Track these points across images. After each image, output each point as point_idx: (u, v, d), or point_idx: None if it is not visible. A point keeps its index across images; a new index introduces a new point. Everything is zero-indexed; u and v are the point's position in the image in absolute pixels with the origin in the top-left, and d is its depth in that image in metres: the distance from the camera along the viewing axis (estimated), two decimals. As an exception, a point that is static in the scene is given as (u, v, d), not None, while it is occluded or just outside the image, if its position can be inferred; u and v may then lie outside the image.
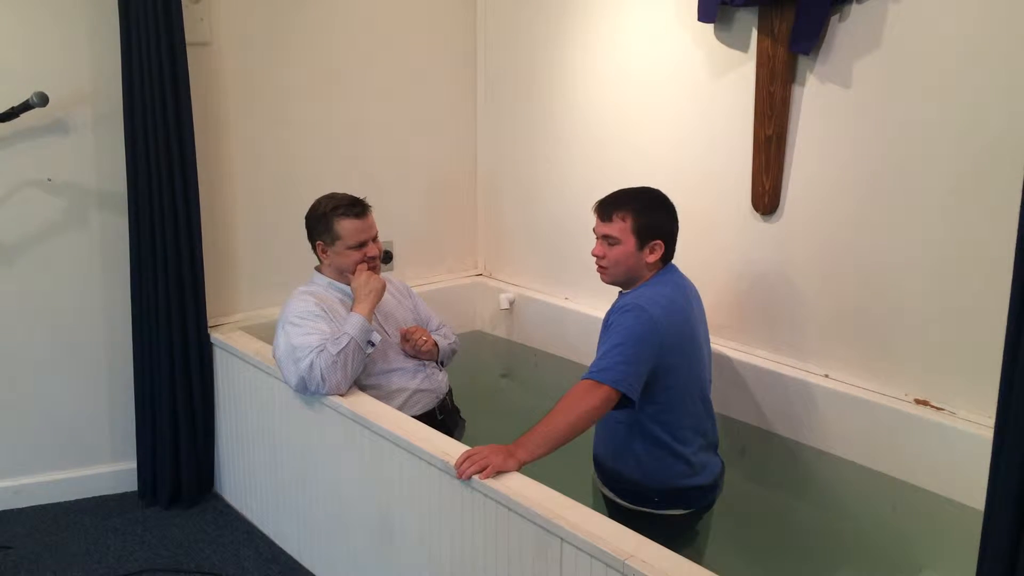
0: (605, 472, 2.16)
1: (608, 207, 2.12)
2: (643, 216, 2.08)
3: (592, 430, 2.14)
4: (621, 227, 2.09)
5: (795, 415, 2.48)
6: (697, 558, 1.99)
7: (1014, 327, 1.05)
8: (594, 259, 2.15)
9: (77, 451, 2.78)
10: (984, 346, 2.13)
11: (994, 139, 2.05)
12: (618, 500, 2.13)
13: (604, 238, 2.11)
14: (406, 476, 2.00)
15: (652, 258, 2.09)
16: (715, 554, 2.11)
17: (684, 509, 2.09)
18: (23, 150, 2.55)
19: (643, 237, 2.08)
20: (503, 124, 3.41)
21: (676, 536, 2.04)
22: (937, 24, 2.11)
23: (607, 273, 2.14)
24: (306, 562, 2.45)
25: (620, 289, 2.17)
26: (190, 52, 2.56)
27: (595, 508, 2.09)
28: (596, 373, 1.91)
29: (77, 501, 2.78)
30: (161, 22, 2.45)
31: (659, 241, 2.08)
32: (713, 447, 2.17)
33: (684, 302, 2.08)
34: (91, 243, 2.69)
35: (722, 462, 2.18)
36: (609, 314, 2.07)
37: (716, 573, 1.45)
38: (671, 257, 2.15)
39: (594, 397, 1.88)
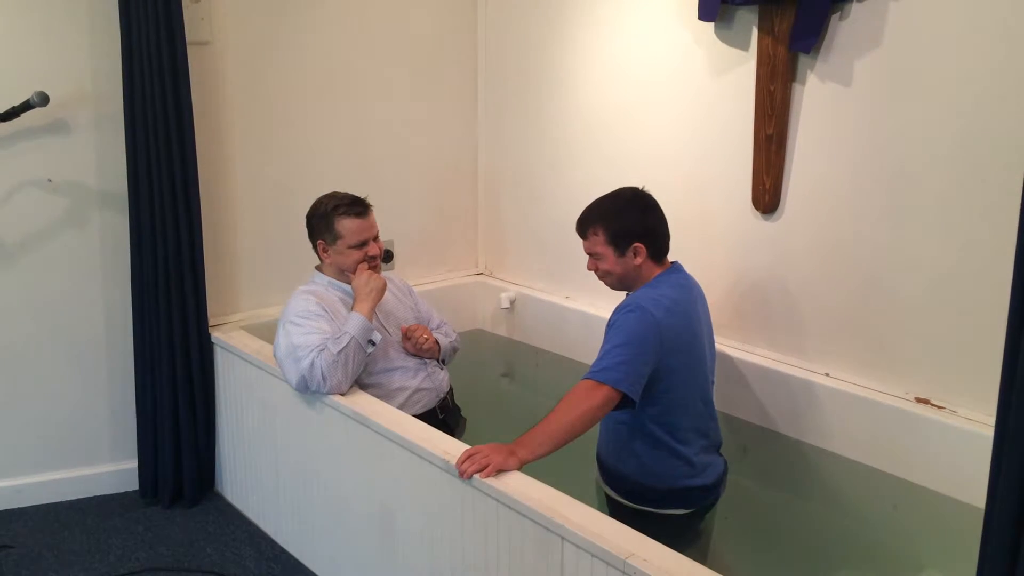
0: (607, 472, 2.17)
1: (582, 225, 2.15)
2: (613, 224, 2.09)
3: (595, 430, 2.15)
4: (597, 241, 2.11)
5: (796, 414, 2.48)
6: (699, 557, 1.99)
7: (1014, 325, 1.05)
8: None
9: (78, 450, 2.79)
10: (984, 344, 2.13)
11: (994, 138, 2.05)
12: (620, 499, 2.13)
13: (589, 255, 2.15)
14: (407, 475, 2.00)
15: (638, 261, 2.08)
16: (716, 553, 2.11)
17: (686, 509, 2.09)
18: (24, 150, 2.56)
19: (620, 245, 2.08)
20: (503, 123, 3.41)
21: (678, 535, 2.04)
22: (938, 23, 2.11)
23: (607, 284, 2.17)
24: (307, 561, 2.45)
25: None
26: (191, 51, 2.56)
27: (598, 507, 2.10)
28: (597, 373, 1.91)
29: (78, 500, 2.78)
30: (162, 21, 2.45)
31: (637, 244, 2.07)
32: (716, 447, 2.17)
33: (688, 302, 2.08)
34: (92, 242, 2.69)
35: (725, 462, 2.18)
36: (613, 314, 2.07)
37: (717, 572, 1.45)
38: (662, 252, 2.13)
39: (595, 397, 1.88)
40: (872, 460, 2.32)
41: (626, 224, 2.08)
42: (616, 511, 2.11)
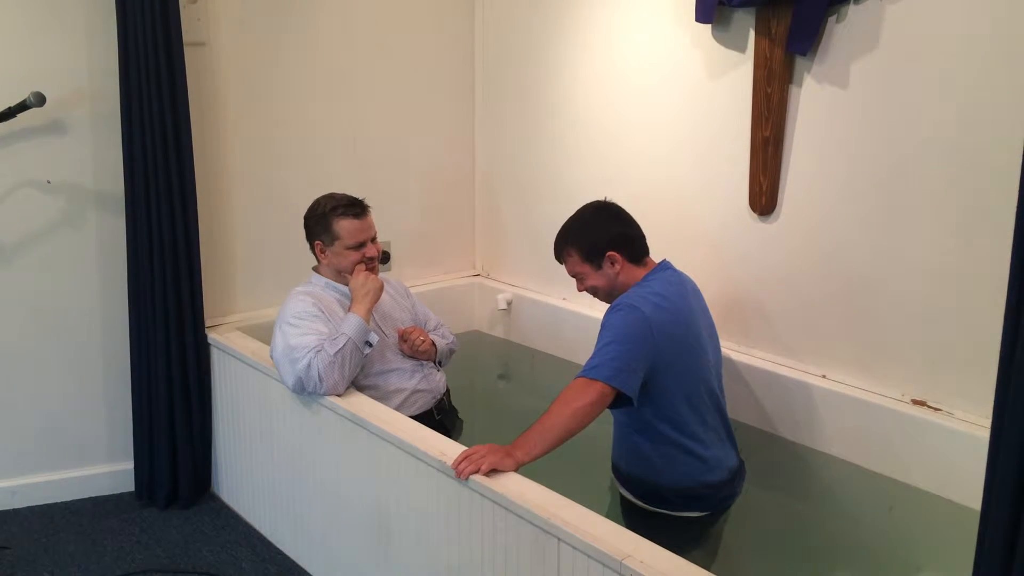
0: (621, 474, 2.17)
1: (556, 252, 2.20)
2: (582, 241, 2.13)
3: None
4: (574, 262, 2.16)
5: (792, 415, 2.48)
6: (705, 558, 1.99)
7: (1010, 327, 1.05)
8: None
9: (74, 452, 2.78)
10: (981, 346, 2.13)
11: (991, 139, 2.05)
12: (637, 502, 2.13)
13: (573, 277, 2.19)
14: (403, 476, 2.00)
15: (617, 269, 2.10)
16: (713, 553, 2.11)
17: (701, 511, 2.09)
18: (20, 150, 2.55)
19: (594, 259, 2.11)
20: (501, 124, 3.41)
21: (689, 537, 2.05)
22: (934, 24, 2.12)
23: (600, 299, 2.20)
24: (303, 562, 2.45)
25: None
26: (187, 52, 2.56)
27: (612, 509, 2.10)
28: (589, 371, 1.91)
29: (74, 502, 2.78)
30: (158, 22, 2.45)
31: (611, 253, 2.09)
32: (727, 441, 2.16)
33: (679, 297, 2.08)
34: (88, 243, 2.68)
35: (741, 461, 2.18)
36: (604, 315, 2.08)
37: (714, 573, 1.45)
38: (640, 254, 2.14)
39: (588, 395, 1.88)
40: (868, 462, 2.32)
41: (594, 238, 2.11)
42: (633, 514, 2.11)
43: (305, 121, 3.01)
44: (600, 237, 2.11)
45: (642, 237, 2.16)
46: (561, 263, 2.20)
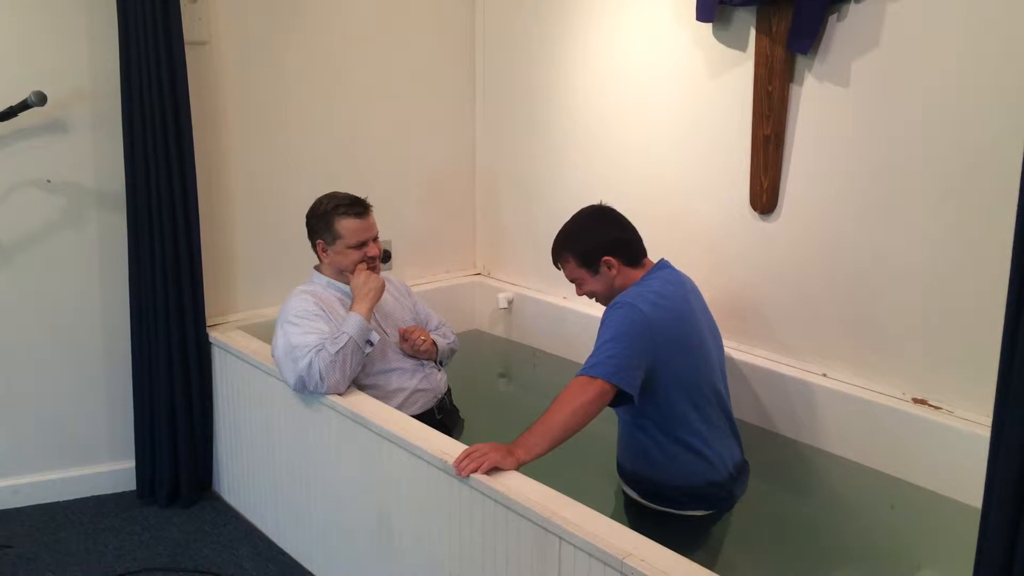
0: (625, 473, 2.18)
1: (554, 258, 2.21)
2: (577, 247, 2.14)
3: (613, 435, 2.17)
4: (570, 268, 2.17)
5: (793, 414, 2.49)
6: (707, 557, 1.99)
7: (1011, 326, 1.05)
8: None
9: (75, 450, 2.78)
10: (982, 345, 2.13)
11: (992, 138, 2.05)
12: (640, 499, 2.13)
13: (571, 282, 2.20)
14: (404, 475, 2.00)
15: (613, 272, 2.11)
16: (715, 552, 2.11)
17: (706, 509, 2.09)
18: (21, 150, 2.55)
19: (591, 264, 2.12)
20: (501, 123, 3.41)
21: (692, 536, 2.05)
22: (935, 23, 2.12)
23: (600, 302, 2.20)
24: (304, 561, 2.45)
25: None
26: (188, 51, 2.56)
27: (616, 507, 2.10)
28: (588, 369, 1.92)
29: (75, 500, 2.78)
30: (160, 21, 2.45)
31: (606, 257, 2.10)
32: (732, 439, 2.16)
33: (677, 296, 2.08)
34: (89, 242, 2.68)
35: (744, 459, 2.18)
36: (603, 314, 2.08)
37: (715, 572, 1.45)
38: (636, 256, 2.15)
39: (588, 392, 1.88)
40: (869, 460, 2.33)
41: (589, 243, 2.12)
42: (637, 512, 2.11)
43: (306, 120, 3.01)
44: (595, 243, 2.12)
45: (638, 240, 2.16)
46: (558, 268, 2.21)
